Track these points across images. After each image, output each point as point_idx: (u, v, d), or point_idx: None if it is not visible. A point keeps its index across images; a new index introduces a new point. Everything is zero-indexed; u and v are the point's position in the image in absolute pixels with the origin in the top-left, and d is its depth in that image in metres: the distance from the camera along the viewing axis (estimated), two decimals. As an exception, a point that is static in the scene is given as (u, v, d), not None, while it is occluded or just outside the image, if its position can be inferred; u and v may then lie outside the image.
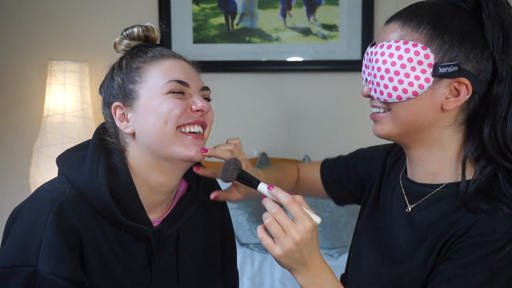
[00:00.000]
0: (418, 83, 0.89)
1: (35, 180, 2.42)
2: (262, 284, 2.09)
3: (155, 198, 1.02)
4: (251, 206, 2.41)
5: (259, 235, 0.90)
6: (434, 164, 0.97)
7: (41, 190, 0.95)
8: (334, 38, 2.69)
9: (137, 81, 0.99)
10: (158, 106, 0.96)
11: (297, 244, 0.87)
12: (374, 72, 0.92)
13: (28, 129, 2.70)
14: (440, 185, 0.96)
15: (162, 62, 1.00)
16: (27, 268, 0.85)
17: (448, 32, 0.89)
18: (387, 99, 0.92)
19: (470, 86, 0.89)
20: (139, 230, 0.97)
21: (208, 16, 2.70)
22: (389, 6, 2.64)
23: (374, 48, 0.93)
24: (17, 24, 2.70)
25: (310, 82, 2.74)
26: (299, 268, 0.90)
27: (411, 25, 0.90)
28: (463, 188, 0.91)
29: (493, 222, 0.86)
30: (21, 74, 2.72)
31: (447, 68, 0.88)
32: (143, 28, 1.05)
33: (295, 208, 0.89)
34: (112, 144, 1.01)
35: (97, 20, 2.68)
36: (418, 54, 0.88)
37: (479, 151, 0.92)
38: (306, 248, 0.88)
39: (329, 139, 2.73)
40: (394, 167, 1.12)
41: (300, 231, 0.87)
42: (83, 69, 2.51)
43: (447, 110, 0.91)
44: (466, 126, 0.94)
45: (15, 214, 0.93)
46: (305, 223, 0.88)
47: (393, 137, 0.98)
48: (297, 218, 0.88)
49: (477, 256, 0.85)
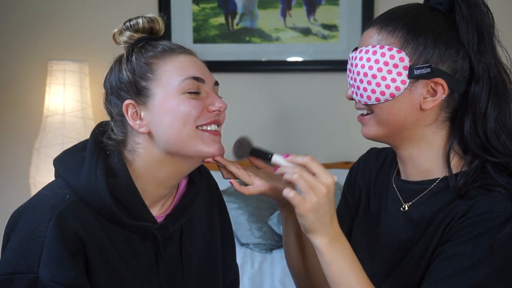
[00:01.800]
0: (394, 85, 0.92)
1: (35, 180, 2.42)
2: (262, 284, 2.09)
3: (160, 192, 1.01)
4: (251, 206, 2.41)
5: (289, 194, 0.92)
6: (425, 161, 0.99)
7: (41, 196, 0.93)
8: (334, 38, 2.69)
9: (150, 78, 0.96)
10: (175, 107, 0.95)
11: (325, 196, 0.90)
12: (355, 76, 0.97)
13: (28, 129, 2.70)
14: (435, 180, 0.98)
15: (174, 58, 0.98)
16: (28, 275, 0.85)
17: (422, 35, 0.92)
18: (367, 101, 0.95)
19: (446, 86, 0.92)
20: (144, 227, 0.97)
21: (208, 16, 2.70)
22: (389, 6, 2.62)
23: (355, 53, 0.97)
24: (17, 24, 2.70)
25: (310, 82, 2.73)
26: (322, 228, 0.92)
27: (387, 30, 0.94)
28: (453, 182, 0.94)
29: (490, 202, 0.89)
30: (21, 74, 2.72)
31: (421, 70, 0.91)
32: (147, 19, 1.01)
33: (316, 165, 0.92)
34: (109, 146, 0.99)
35: (97, 20, 2.68)
36: (393, 57, 0.92)
37: (462, 146, 0.96)
38: (329, 204, 0.91)
39: (329, 139, 2.73)
40: (380, 173, 1.13)
41: (326, 184, 0.90)
42: (83, 69, 2.51)
43: (426, 109, 0.94)
44: (450, 123, 0.97)
45: (15, 219, 0.92)
46: (328, 177, 0.91)
47: (380, 138, 1.00)
48: (319, 173, 0.91)
49: (476, 233, 0.87)
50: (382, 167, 1.15)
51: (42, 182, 2.39)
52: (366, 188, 1.16)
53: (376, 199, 1.12)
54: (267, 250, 2.34)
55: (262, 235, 2.35)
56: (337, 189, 2.28)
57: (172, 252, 1.04)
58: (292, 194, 0.92)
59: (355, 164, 1.22)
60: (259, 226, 2.36)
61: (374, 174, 1.15)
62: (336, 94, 2.72)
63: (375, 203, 1.11)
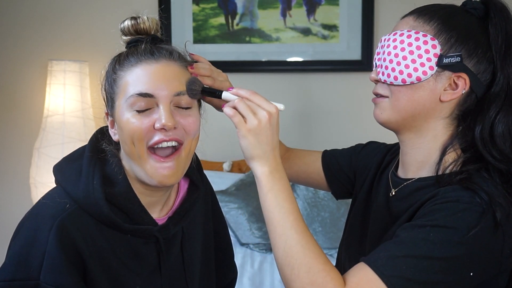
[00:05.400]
0: (422, 70, 0.96)
1: (35, 180, 2.42)
2: (262, 284, 2.10)
3: (154, 197, 1.01)
4: (251, 206, 2.41)
5: (230, 112, 0.94)
6: (424, 152, 1.02)
7: (41, 206, 0.94)
8: (334, 38, 2.69)
9: (115, 90, 0.95)
10: (124, 125, 0.92)
11: (267, 121, 0.93)
12: (384, 57, 1.00)
13: (28, 129, 2.70)
14: (424, 179, 1.01)
15: (132, 69, 0.93)
16: (28, 282, 0.85)
17: (456, 28, 0.97)
18: (393, 81, 0.99)
19: (468, 82, 0.97)
20: (145, 230, 0.97)
21: (208, 16, 2.70)
22: (389, 6, 2.64)
23: (388, 35, 1.02)
24: (17, 24, 2.70)
25: (310, 82, 2.74)
26: (264, 156, 0.94)
27: (423, 19, 0.99)
28: (439, 168, 0.99)
29: (459, 192, 0.92)
30: (21, 74, 2.72)
31: (450, 59, 0.96)
32: (132, 22, 0.98)
33: (258, 97, 0.95)
34: (109, 151, 0.99)
35: (97, 20, 2.69)
36: (426, 43, 0.96)
37: (466, 144, 0.99)
38: (271, 132, 0.94)
39: (329, 139, 2.73)
40: (388, 166, 1.16)
41: (268, 110, 0.93)
42: (83, 69, 2.51)
43: (444, 101, 0.98)
44: (458, 122, 1.01)
45: (17, 230, 0.93)
46: (271, 107, 0.94)
47: (391, 124, 1.03)
48: (262, 104, 0.94)
49: (437, 216, 0.90)
50: (391, 161, 1.17)
51: (42, 182, 2.39)
52: (374, 173, 1.19)
53: (376, 189, 1.15)
54: (267, 250, 2.35)
55: (262, 235, 2.35)
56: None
57: (174, 255, 1.04)
58: (233, 112, 0.93)
59: (383, 146, 1.25)
60: (259, 226, 2.36)
61: (384, 165, 1.18)
62: (336, 94, 2.72)
63: (374, 193, 1.15)
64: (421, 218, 0.91)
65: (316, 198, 2.43)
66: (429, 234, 0.87)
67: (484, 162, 0.96)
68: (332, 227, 2.40)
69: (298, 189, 2.46)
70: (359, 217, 1.17)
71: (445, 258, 0.86)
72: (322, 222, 2.40)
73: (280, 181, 0.94)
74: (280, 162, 0.96)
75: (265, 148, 0.93)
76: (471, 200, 0.90)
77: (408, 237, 0.89)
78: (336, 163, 1.29)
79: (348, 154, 1.28)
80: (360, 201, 1.18)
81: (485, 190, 0.90)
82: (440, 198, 0.92)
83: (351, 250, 1.17)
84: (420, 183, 1.01)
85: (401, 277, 0.85)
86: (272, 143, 0.94)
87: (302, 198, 2.44)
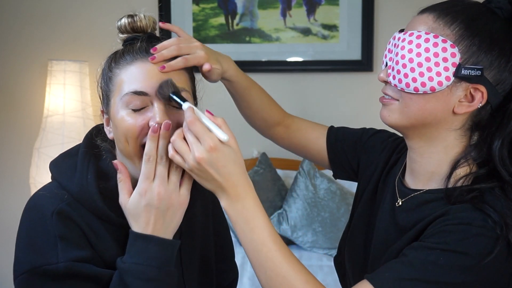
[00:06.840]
0: (438, 80, 0.88)
1: (35, 180, 2.42)
2: (262, 284, 2.09)
3: None
4: (251, 206, 2.40)
5: (170, 152, 0.88)
6: (434, 163, 0.96)
7: (39, 196, 0.94)
8: (334, 38, 2.69)
9: (110, 88, 0.96)
10: (119, 122, 0.92)
11: (198, 163, 0.85)
12: (397, 59, 0.91)
13: (28, 129, 2.70)
14: (433, 191, 0.96)
15: (127, 67, 0.94)
16: (48, 266, 0.87)
17: (479, 35, 0.88)
18: (404, 88, 0.91)
19: (486, 95, 0.89)
20: None
21: (208, 16, 2.70)
22: (389, 6, 2.64)
23: (402, 34, 0.92)
24: (17, 24, 2.70)
25: (310, 82, 2.74)
26: (218, 190, 0.89)
27: (444, 20, 0.89)
28: (449, 181, 0.93)
29: (470, 212, 0.86)
30: (21, 74, 2.72)
31: (470, 71, 0.87)
32: (129, 20, 0.99)
33: (197, 128, 0.86)
34: (103, 147, 0.99)
35: (97, 20, 2.69)
36: (446, 50, 0.87)
37: (481, 159, 0.92)
38: (213, 168, 0.86)
39: (329, 139, 2.73)
40: (395, 166, 1.11)
41: (200, 151, 0.85)
42: (83, 69, 2.51)
43: (458, 113, 0.90)
44: (471, 133, 0.94)
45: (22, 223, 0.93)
46: (205, 143, 0.85)
47: (399, 128, 0.97)
48: (199, 137, 0.86)
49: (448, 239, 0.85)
50: (398, 161, 1.12)
51: (42, 182, 2.39)
52: (379, 172, 1.13)
53: (381, 189, 1.10)
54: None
55: (262, 235, 2.35)
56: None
57: None
58: (171, 153, 0.88)
59: (391, 140, 1.17)
60: (259, 226, 2.35)
61: (390, 165, 1.12)
62: (336, 94, 2.72)
63: (380, 193, 1.10)
64: (431, 239, 0.86)
65: (316, 198, 2.43)
66: (439, 258, 0.83)
67: (498, 180, 0.89)
68: (332, 227, 2.40)
69: (298, 189, 2.46)
70: (363, 220, 1.12)
71: (454, 284, 0.83)
72: (322, 222, 2.40)
73: (243, 211, 0.89)
74: (243, 190, 0.89)
75: (214, 183, 0.88)
76: (484, 224, 0.84)
77: (417, 259, 0.84)
78: (341, 149, 1.21)
79: (353, 139, 1.21)
80: (364, 203, 1.13)
81: (497, 211, 0.84)
82: (451, 218, 0.86)
83: (354, 254, 1.13)
84: (428, 195, 0.95)
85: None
86: (222, 178, 0.87)
87: (302, 198, 2.44)
